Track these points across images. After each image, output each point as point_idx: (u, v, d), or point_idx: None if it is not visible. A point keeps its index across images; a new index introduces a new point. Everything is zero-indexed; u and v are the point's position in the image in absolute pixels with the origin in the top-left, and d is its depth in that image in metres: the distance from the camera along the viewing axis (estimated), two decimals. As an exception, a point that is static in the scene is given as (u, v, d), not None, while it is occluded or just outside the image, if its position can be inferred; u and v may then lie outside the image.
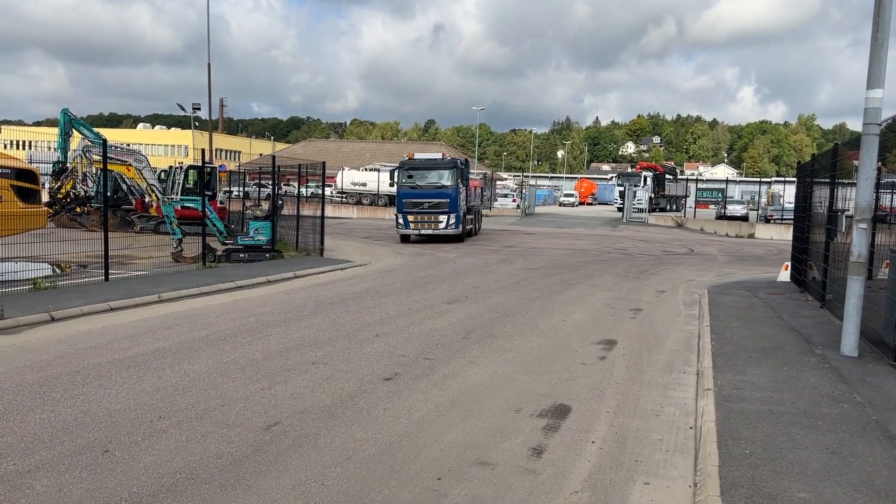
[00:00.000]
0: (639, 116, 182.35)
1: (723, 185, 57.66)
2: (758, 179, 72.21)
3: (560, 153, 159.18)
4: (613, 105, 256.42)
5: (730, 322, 10.76)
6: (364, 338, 9.47)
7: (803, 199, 14.83)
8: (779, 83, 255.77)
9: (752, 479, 4.79)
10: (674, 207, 55.82)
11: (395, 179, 27.17)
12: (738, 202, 51.55)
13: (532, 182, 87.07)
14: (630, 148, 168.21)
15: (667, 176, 66.00)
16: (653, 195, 56.06)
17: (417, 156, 27.99)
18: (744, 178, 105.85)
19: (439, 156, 28.20)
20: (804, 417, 6.16)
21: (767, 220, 40.61)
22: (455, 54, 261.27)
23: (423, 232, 26.74)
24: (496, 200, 57.69)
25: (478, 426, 6.09)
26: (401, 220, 26.85)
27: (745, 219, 43.77)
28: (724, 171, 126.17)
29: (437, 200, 26.46)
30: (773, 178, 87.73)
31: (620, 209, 56.49)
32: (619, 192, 59.04)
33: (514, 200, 58.77)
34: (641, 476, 5.16)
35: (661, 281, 16.90)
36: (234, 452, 5.33)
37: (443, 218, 26.44)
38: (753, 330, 10.20)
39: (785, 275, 16.36)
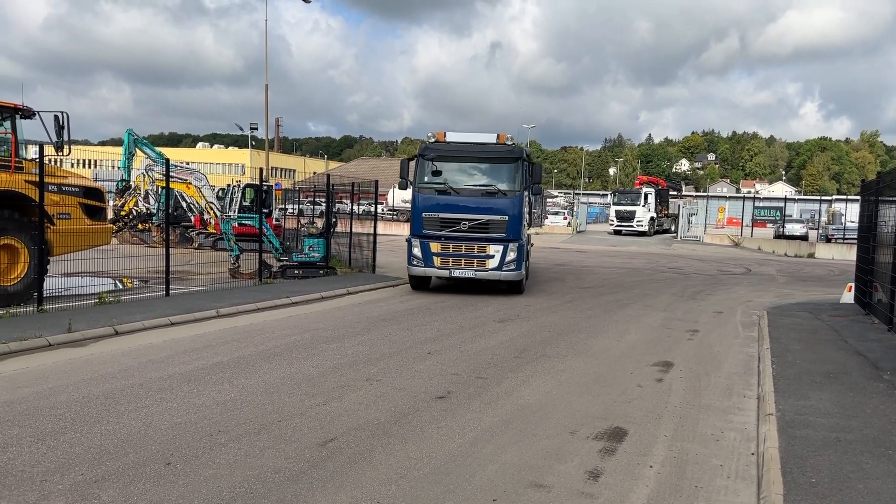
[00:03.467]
0: (693, 133, 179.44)
1: (781, 204, 56.07)
2: (818, 197, 69.88)
3: (612, 170, 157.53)
4: (669, 122, 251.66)
5: (791, 345, 10.45)
6: (416, 355, 9.51)
7: (868, 218, 14.35)
8: (844, 98, 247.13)
9: (820, 510, 4.62)
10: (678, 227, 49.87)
11: (412, 177, 16.08)
12: (798, 221, 50.12)
13: (583, 199, 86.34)
14: (684, 165, 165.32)
15: (671, 192, 62.10)
16: (655, 214, 51.99)
17: (451, 137, 16.32)
18: (803, 197, 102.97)
19: (493, 138, 16.18)
20: (874, 446, 5.92)
21: (828, 240, 39.39)
22: (511, 72, 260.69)
23: (457, 273, 15.80)
24: (546, 218, 57.37)
25: (532, 447, 6.04)
26: (416, 251, 15.84)
27: (804, 238, 42.57)
28: (781, 189, 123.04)
29: (485, 217, 15.54)
30: (835, 196, 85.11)
31: (618, 231, 52.49)
32: (616, 211, 53.88)
33: (564, 218, 58.19)
34: (702, 502, 5.04)
35: (718, 301, 16.53)
36: (291, 468, 5.40)
37: (495, 250, 15.48)
38: (816, 353, 9.88)
39: (848, 296, 15.81)
